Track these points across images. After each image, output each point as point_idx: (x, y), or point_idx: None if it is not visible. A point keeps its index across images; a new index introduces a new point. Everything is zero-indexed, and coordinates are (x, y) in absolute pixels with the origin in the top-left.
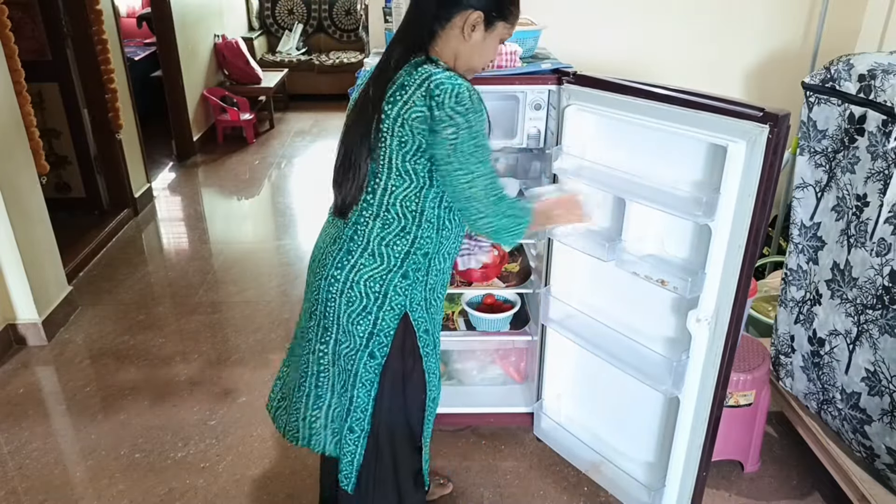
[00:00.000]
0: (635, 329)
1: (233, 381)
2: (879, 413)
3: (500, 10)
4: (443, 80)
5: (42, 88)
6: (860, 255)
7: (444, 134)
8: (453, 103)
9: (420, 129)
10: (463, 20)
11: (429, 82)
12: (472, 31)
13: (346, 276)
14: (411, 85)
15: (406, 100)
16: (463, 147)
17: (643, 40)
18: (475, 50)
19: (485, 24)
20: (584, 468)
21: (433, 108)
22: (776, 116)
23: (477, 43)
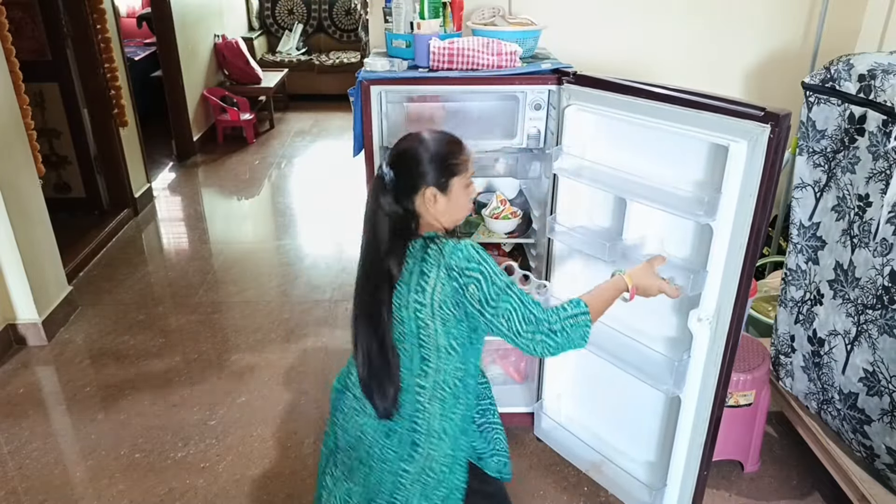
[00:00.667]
0: (636, 329)
1: (233, 381)
2: (879, 413)
3: (447, 173)
4: (452, 250)
5: (42, 88)
6: (863, 256)
7: (470, 291)
8: (465, 264)
9: (451, 301)
10: (422, 199)
11: (442, 259)
12: (434, 202)
13: (421, 466)
14: (431, 268)
15: (434, 284)
16: (489, 294)
17: (643, 40)
18: (449, 209)
19: (440, 191)
20: (585, 468)
21: (457, 279)
22: (777, 116)
23: (444, 205)
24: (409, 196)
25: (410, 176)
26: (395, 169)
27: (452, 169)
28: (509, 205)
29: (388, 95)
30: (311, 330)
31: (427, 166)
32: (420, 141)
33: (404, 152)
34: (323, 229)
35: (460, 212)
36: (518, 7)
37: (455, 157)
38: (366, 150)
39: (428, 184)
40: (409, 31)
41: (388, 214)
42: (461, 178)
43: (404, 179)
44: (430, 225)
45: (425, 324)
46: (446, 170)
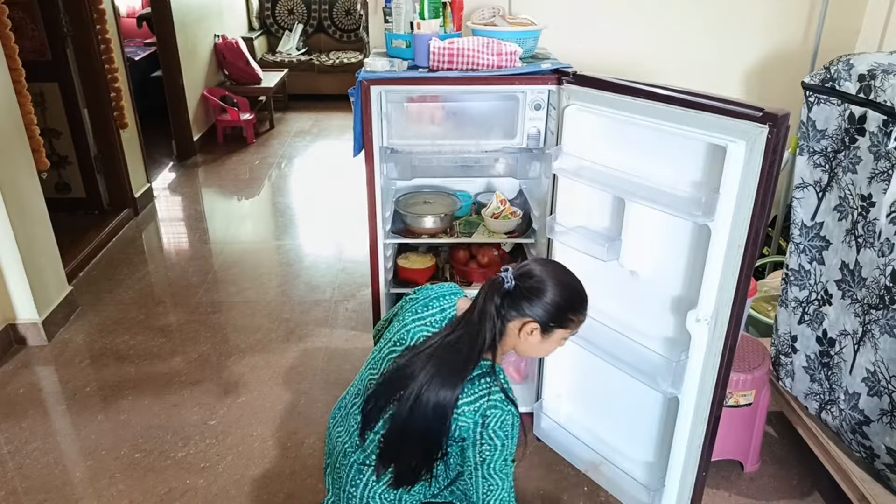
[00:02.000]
0: (635, 329)
1: (233, 381)
2: (879, 413)
3: (559, 322)
4: (498, 403)
5: (42, 88)
6: (869, 256)
7: (480, 448)
8: (497, 427)
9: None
10: (520, 325)
11: (484, 401)
12: (528, 335)
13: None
14: (470, 394)
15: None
16: (493, 464)
17: (643, 40)
18: (533, 349)
19: (541, 332)
20: (584, 468)
21: (479, 426)
22: (776, 116)
23: (534, 344)
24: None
25: (527, 301)
26: (520, 285)
27: (566, 322)
28: (509, 205)
29: (388, 95)
30: (311, 330)
31: (547, 304)
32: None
33: (536, 277)
34: (323, 229)
35: (543, 354)
36: (518, 7)
37: (576, 314)
38: (366, 150)
39: (536, 319)
40: (409, 31)
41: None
42: (566, 331)
43: (520, 300)
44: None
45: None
46: (561, 319)
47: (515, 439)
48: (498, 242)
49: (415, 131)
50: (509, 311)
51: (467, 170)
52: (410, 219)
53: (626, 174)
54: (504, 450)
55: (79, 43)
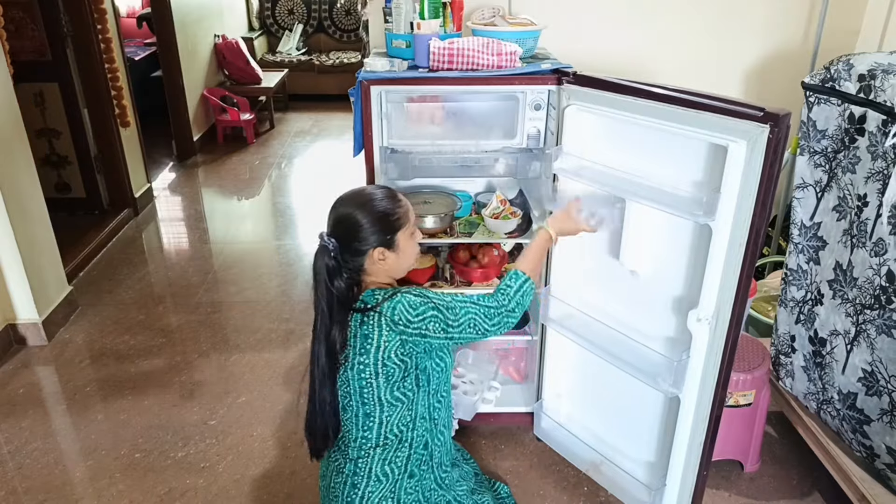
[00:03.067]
0: (635, 328)
1: (233, 380)
2: (879, 413)
3: (391, 229)
4: (391, 308)
5: (42, 88)
6: (861, 256)
7: (431, 328)
8: (412, 312)
9: (404, 354)
10: (370, 260)
11: (383, 318)
12: (382, 259)
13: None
14: (372, 329)
15: (377, 344)
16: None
17: (643, 40)
18: (399, 262)
19: (388, 248)
20: (585, 468)
21: (405, 331)
22: (777, 116)
23: (394, 259)
24: (356, 260)
25: (356, 241)
26: (338, 237)
27: (394, 224)
28: (509, 205)
29: (388, 95)
30: (310, 330)
31: (369, 229)
32: (357, 205)
33: (343, 220)
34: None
35: (409, 260)
36: (518, 7)
37: (394, 213)
38: (366, 150)
39: (374, 245)
40: (409, 31)
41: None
42: (405, 230)
43: (349, 246)
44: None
45: (368, 383)
46: (389, 227)
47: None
48: (498, 242)
49: (415, 131)
50: (351, 259)
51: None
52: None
53: (627, 174)
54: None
55: (79, 43)
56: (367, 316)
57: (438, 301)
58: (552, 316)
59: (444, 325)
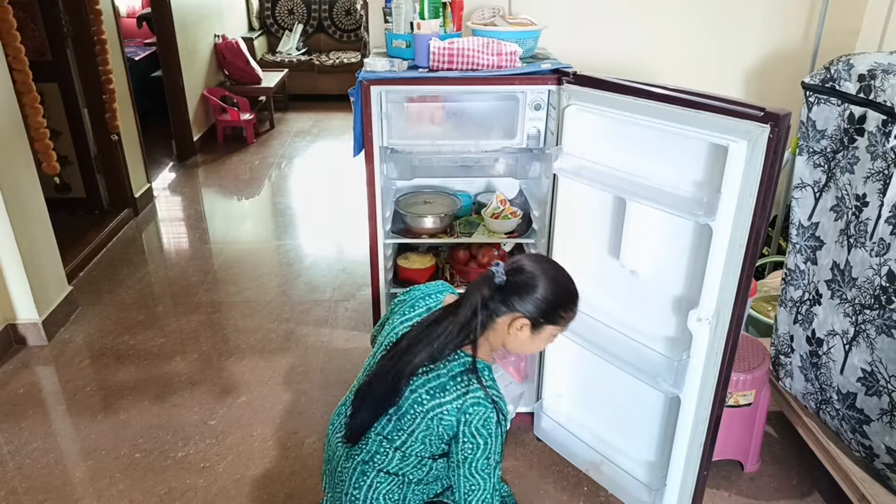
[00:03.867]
0: (636, 328)
1: (233, 380)
2: (878, 413)
3: (549, 318)
4: (479, 400)
5: (42, 88)
6: (860, 255)
7: (462, 446)
8: (479, 425)
9: (446, 432)
10: (510, 320)
11: (465, 399)
12: (518, 330)
13: (366, 494)
14: (451, 392)
15: (442, 402)
16: (475, 463)
17: (643, 40)
18: (522, 345)
19: (531, 328)
20: (585, 468)
21: (461, 424)
22: (777, 116)
23: (524, 340)
24: (501, 308)
25: (517, 296)
26: (511, 280)
27: (557, 319)
28: (509, 205)
29: (388, 95)
30: (311, 330)
31: (539, 301)
32: (551, 275)
33: (529, 273)
34: (323, 229)
35: (529, 352)
36: (518, 7)
37: (566, 311)
38: (366, 150)
39: (526, 315)
40: (409, 31)
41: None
42: (556, 328)
43: (510, 295)
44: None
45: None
46: (552, 316)
47: (499, 440)
48: (498, 242)
49: (415, 131)
50: (499, 306)
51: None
52: (410, 219)
53: (627, 174)
54: (487, 449)
55: (79, 43)
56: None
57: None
58: None
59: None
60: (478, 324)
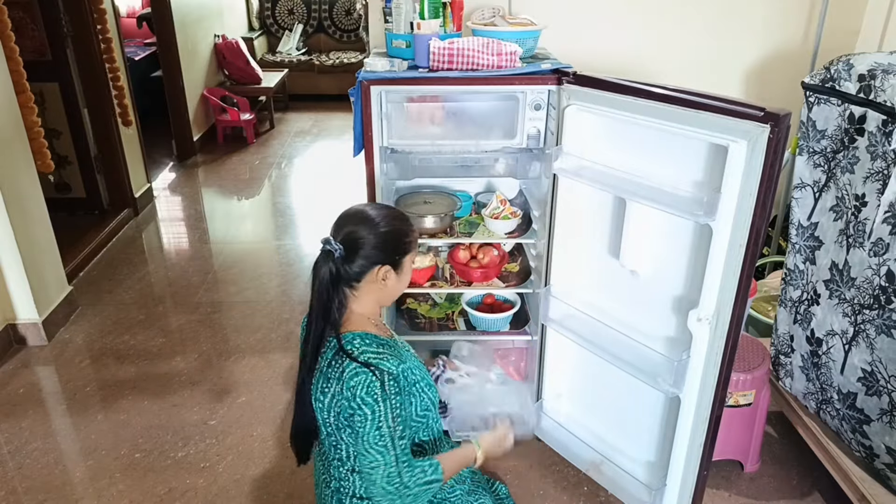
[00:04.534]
0: (635, 328)
1: (233, 380)
2: (878, 413)
3: (402, 250)
4: (355, 370)
5: (42, 88)
6: (858, 255)
7: (352, 420)
8: (363, 394)
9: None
10: (374, 277)
11: (343, 377)
12: (384, 280)
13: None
14: (333, 379)
15: (333, 394)
16: (366, 436)
17: (643, 40)
18: (394, 290)
19: (394, 270)
20: (585, 467)
21: (349, 400)
22: (777, 116)
23: (394, 282)
24: (356, 274)
25: (363, 254)
26: (345, 245)
27: (405, 246)
28: (509, 205)
29: (388, 95)
30: None
31: (380, 245)
32: (370, 219)
33: (354, 230)
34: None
35: (403, 288)
36: (518, 7)
37: (407, 236)
38: (366, 150)
39: (381, 262)
40: (409, 31)
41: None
42: (411, 254)
43: (353, 258)
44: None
45: (328, 426)
46: (400, 248)
47: (388, 403)
48: (498, 242)
49: (415, 131)
50: (353, 273)
51: (467, 170)
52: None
53: (628, 174)
54: (376, 417)
55: (79, 43)
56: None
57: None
58: (552, 316)
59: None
60: (338, 305)
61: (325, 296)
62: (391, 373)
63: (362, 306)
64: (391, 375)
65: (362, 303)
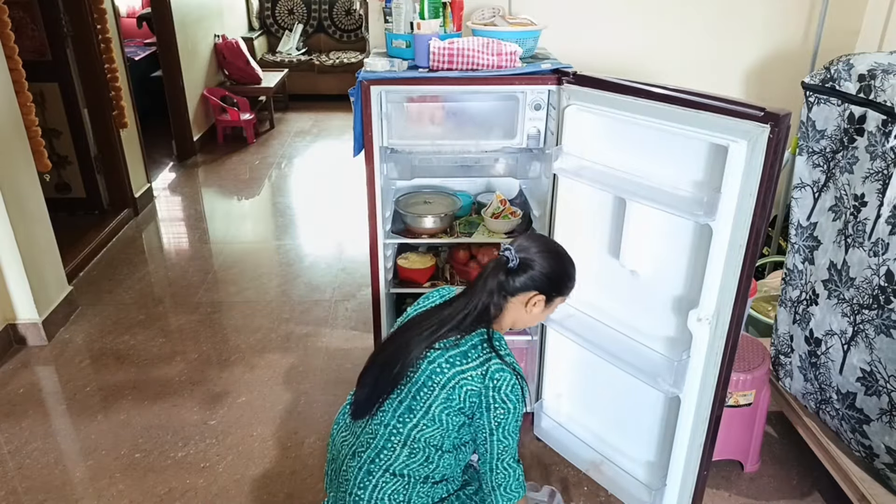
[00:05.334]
0: (635, 328)
1: (233, 380)
2: (878, 413)
3: (560, 291)
4: (503, 367)
5: (42, 88)
6: (857, 255)
7: (495, 413)
8: (508, 391)
9: (471, 401)
10: (526, 299)
11: (489, 365)
12: (533, 306)
13: (370, 495)
14: (473, 360)
15: (464, 370)
16: (507, 426)
17: (643, 40)
18: (534, 318)
19: (545, 302)
20: (585, 468)
21: (490, 390)
22: (777, 116)
23: (537, 314)
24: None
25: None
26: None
27: (564, 289)
28: (509, 205)
29: (388, 95)
30: (311, 330)
31: (548, 275)
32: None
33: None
34: (323, 229)
35: (537, 322)
36: (518, 7)
37: (571, 281)
38: (366, 150)
39: (541, 291)
40: (409, 31)
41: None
42: (562, 299)
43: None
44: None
45: (431, 389)
46: (561, 287)
47: (524, 402)
48: (498, 242)
49: (415, 131)
50: (514, 287)
51: (467, 170)
52: (410, 219)
53: (627, 174)
54: (516, 412)
55: (79, 43)
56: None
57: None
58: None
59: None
60: (493, 307)
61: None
62: (524, 382)
63: (505, 321)
64: (525, 383)
65: (505, 315)
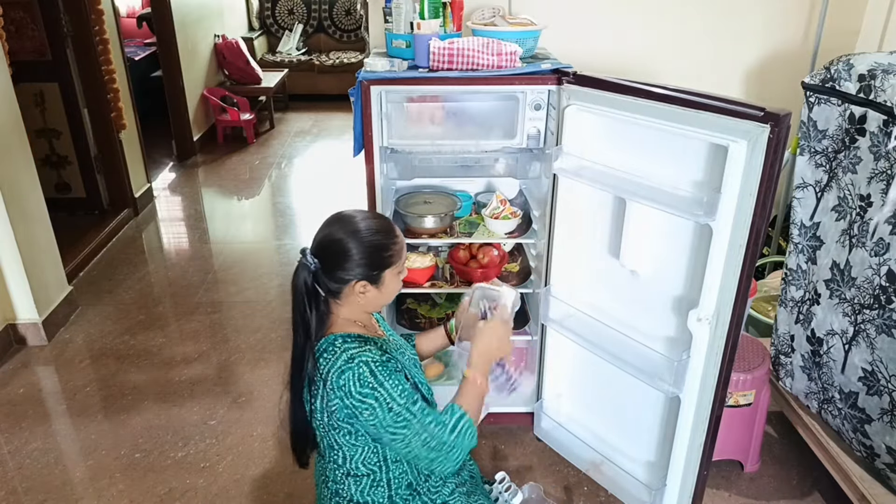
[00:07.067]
0: (636, 328)
1: (233, 380)
2: (879, 412)
3: (381, 265)
4: (342, 367)
5: (42, 88)
6: (860, 255)
7: (364, 417)
8: (358, 388)
9: (346, 417)
10: (349, 290)
11: (330, 376)
12: (362, 293)
13: None
14: (319, 380)
15: (322, 395)
16: (385, 422)
17: (643, 40)
18: (377, 299)
19: (371, 283)
20: (585, 467)
21: (344, 399)
22: (777, 116)
23: (375, 296)
24: (334, 287)
25: (339, 269)
26: (322, 259)
27: (385, 261)
28: (509, 205)
29: (388, 95)
30: None
31: (357, 260)
32: (350, 231)
33: (331, 244)
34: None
35: (390, 298)
36: (518, 7)
37: (388, 250)
38: (366, 150)
39: (358, 277)
40: (409, 31)
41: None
42: (394, 268)
43: (331, 272)
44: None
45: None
46: (378, 263)
47: (388, 382)
48: (498, 242)
49: (415, 131)
50: (329, 285)
51: (467, 170)
52: (410, 219)
53: (628, 174)
54: (383, 405)
55: (79, 43)
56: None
57: (387, 397)
58: (552, 316)
59: (380, 423)
60: (314, 313)
61: (302, 307)
62: (374, 360)
63: (348, 312)
64: (375, 362)
65: (347, 309)
